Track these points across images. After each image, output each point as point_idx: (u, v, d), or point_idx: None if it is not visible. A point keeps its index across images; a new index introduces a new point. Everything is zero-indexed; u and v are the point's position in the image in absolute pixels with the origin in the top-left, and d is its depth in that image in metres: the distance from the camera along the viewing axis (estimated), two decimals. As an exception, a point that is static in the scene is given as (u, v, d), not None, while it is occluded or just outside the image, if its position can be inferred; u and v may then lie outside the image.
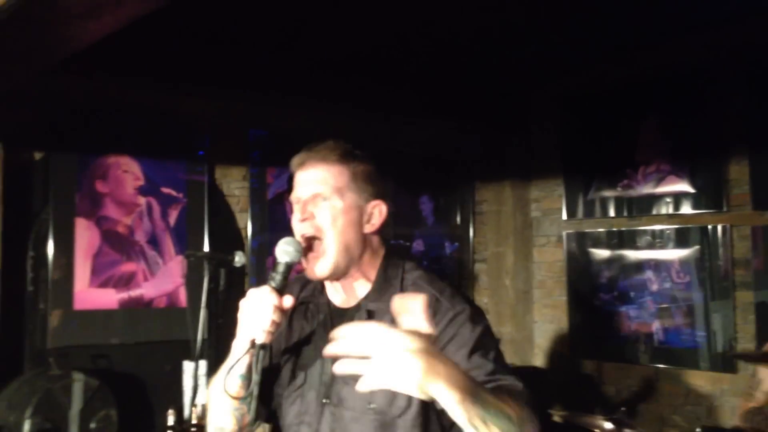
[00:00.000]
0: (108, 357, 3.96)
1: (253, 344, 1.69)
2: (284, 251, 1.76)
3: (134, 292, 4.05)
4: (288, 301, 1.73)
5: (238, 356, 1.74)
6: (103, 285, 3.94)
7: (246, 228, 4.54)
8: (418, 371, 1.34)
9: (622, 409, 4.46)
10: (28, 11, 2.11)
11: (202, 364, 4.09)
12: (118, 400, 3.66)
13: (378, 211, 1.83)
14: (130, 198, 4.05)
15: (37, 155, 3.85)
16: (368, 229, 1.82)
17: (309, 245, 1.79)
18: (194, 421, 3.81)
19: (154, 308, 4.10)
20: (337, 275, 1.81)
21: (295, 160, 1.86)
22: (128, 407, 3.82)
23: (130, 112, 4.09)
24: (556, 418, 4.00)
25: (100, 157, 3.98)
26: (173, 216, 4.20)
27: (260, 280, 4.54)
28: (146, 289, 4.08)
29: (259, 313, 1.69)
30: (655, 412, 4.81)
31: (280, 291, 1.73)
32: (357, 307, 1.82)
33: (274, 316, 1.69)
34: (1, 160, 3.64)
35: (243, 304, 1.74)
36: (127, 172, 4.05)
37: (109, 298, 3.97)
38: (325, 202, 1.78)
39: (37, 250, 3.79)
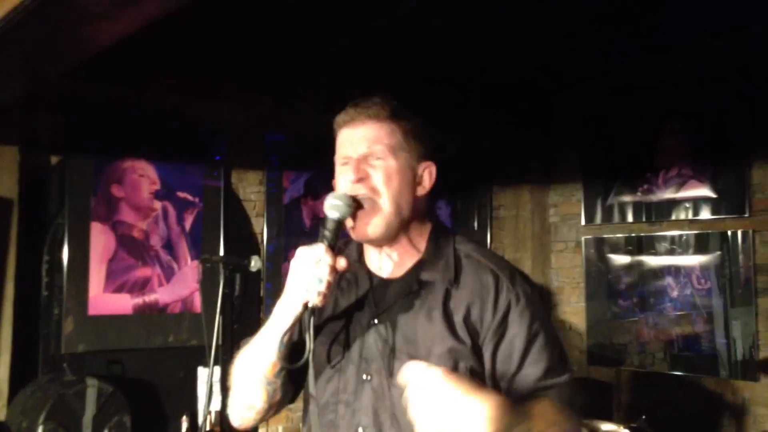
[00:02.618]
0: (122, 363, 3.94)
1: (306, 307, 1.56)
2: (334, 206, 1.62)
3: (149, 298, 4.02)
4: (342, 262, 1.59)
5: (287, 320, 1.59)
6: (118, 290, 3.91)
7: (262, 233, 4.52)
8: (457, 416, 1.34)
9: (642, 417, 4.41)
10: (44, 11, 2.09)
11: (217, 370, 4.05)
12: (131, 406, 3.63)
13: (428, 173, 1.71)
14: (146, 202, 4.03)
15: (54, 159, 3.85)
16: (420, 191, 1.69)
17: (359, 204, 1.64)
18: (208, 428, 3.78)
19: (169, 314, 4.08)
20: (389, 238, 1.67)
21: (341, 117, 1.75)
22: (142, 413, 3.79)
23: (146, 116, 4.08)
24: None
25: (117, 161, 3.96)
26: (189, 221, 4.18)
27: (276, 286, 4.51)
28: (161, 295, 4.06)
29: (313, 273, 1.56)
30: (675, 421, 4.74)
31: (333, 249, 1.60)
32: (405, 278, 1.68)
33: (330, 277, 1.56)
34: (17, 164, 3.63)
35: (294, 263, 1.60)
36: (143, 177, 4.03)
37: (124, 304, 3.95)
38: (379, 161, 1.65)
39: (52, 255, 3.78)
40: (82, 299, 3.81)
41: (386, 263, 1.71)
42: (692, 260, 4.75)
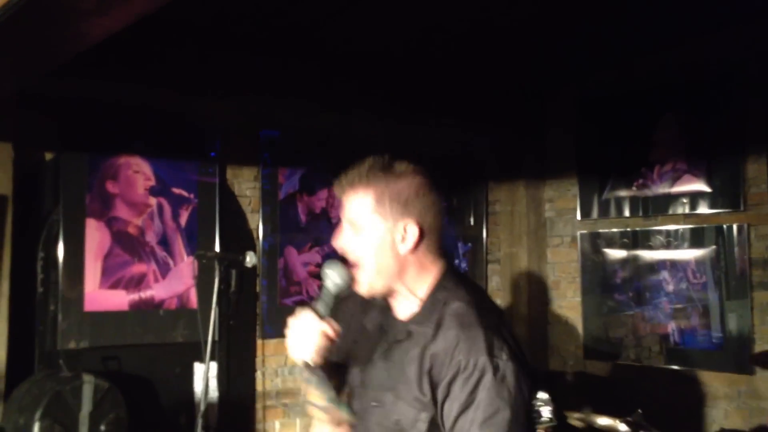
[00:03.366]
0: (118, 359, 3.94)
1: (306, 365, 1.73)
2: (331, 281, 1.81)
3: (145, 294, 4.03)
4: (331, 331, 1.77)
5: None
6: (114, 286, 3.92)
7: (257, 229, 4.52)
8: None
9: (638, 411, 4.41)
10: (35, 7, 2.09)
11: (213, 366, 4.06)
12: (128, 402, 3.63)
13: (408, 230, 1.76)
14: (141, 199, 4.04)
15: (48, 156, 3.85)
16: (403, 249, 1.76)
17: (354, 264, 1.81)
18: (204, 423, 3.78)
19: (165, 309, 4.08)
20: (379, 295, 1.82)
21: (335, 185, 1.86)
22: (138, 409, 3.80)
23: (141, 112, 4.08)
24: (571, 420, 3.95)
25: (111, 157, 3.97)
26: (184, 217, 4.18)
27: (271, 282, 4.52)
28: (157, 291, 4.06)
29: (305, 336, 1.75)
30: (671, 414, 4.75)
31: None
32: (401, 325, 1.81)
33: (320, 341, 1.74)
34: (11, 160, 3.63)
35: (290, 323, 1.79)
36: (138, 173, 4.04)
37: (120, 300, 3.96)
38: (353, 229, 1.79)
39: (47, 251, 3.78)
40: (78, 295, 3.81)
41: (394, 308, 1.86)
42: (688, 254, 4.75)
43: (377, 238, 1.76)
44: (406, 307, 1.81)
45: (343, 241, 1.81)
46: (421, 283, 1.80)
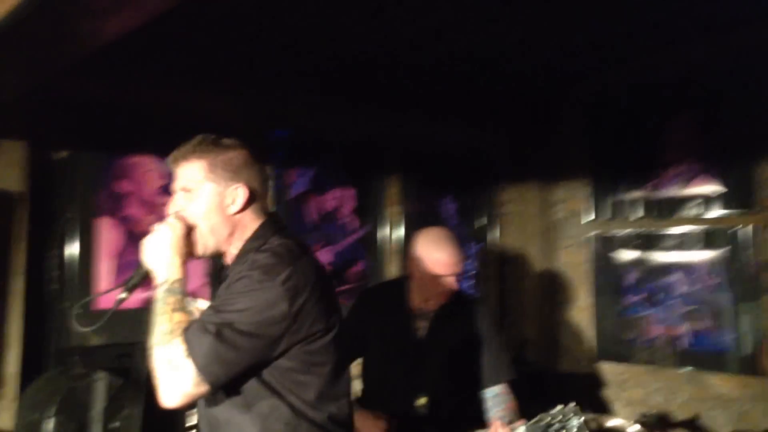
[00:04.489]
0: (131, 356, 3.96)
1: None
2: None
3: (158, 292, 4.04)
4: None
5: None
6: (127, 284, 3.94)
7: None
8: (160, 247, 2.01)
9: (651, 413, 4.40)
10: (49, 6, 2.12)
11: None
12: (141, 399, 3.65)
13: (240, 192, 2.06)
14: (153, 197, 4.06)
15: (62, 155, 3.88)
16: (233, 209, 2.07)
17: (188, 231, 2.06)
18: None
19: (178, 307, 4.10)
20: (211, 254, 2.11)
21: (168, 158, 2.14)
22: (152, 406, 3.81)
23: (153, 111, 4.10)
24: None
25: (124, 156, 3.99)
26: (196, 215, 4.20)
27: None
28: (169, 289, 4.08)
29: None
30: (684, 417, 4.73)
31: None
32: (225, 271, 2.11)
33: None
34: (25, 159, 3.66)
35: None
36: (150, 172, 4.06)
37: (133, 297, 3.94)
38: (189, 194, 2.07)
39: (60, 250, 3.81)
40: (91, 293, 3.84)
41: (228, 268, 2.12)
42: (701, 256, 4.73)
43: (209, 202, 2.05)
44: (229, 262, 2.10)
45: (176, 206, 2.08)
46: (242, 240, 2.08)
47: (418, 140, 5.21)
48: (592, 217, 5.34)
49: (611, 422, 3.86)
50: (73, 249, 3.81)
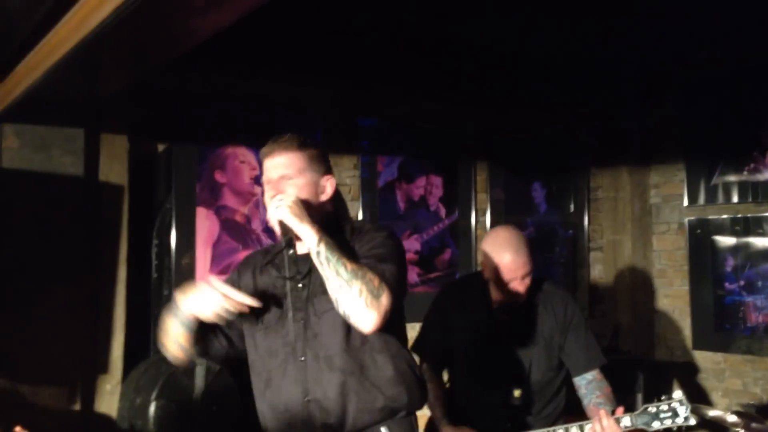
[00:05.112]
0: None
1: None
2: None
3: (251, 280, 4.14)
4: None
5: None
6: (223, 272, 4.04)
7: (357, 216, 4.58)
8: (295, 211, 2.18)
9: (750, 402, 4.26)
10: (151, 5, 2.18)
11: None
12: (237, 384, 3.74)
13: (330, 183, 2.38)
14: (247, 187, 4.15)
15: (161, 147, 4.00)
16: (323, 198, 2.36)
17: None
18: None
19: (270, 295, 4.19)
20: (296, 229, 2.23)
21: (262, 150, 2.34)
22: (248, 391, 3.91)
23: (245, 103, 4.19)
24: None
25: (219, 147, 4.09)
26: (288, 205, 4.27)
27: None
28: (263, 277, 4.17)
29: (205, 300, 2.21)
30: (787, 408, 4.57)
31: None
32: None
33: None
34: (126, 152, 3.79)
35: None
36: (244, 163, 4.15)
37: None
38: (291, 181, 2.28)
39: (161, 239, 3.94)
40: (190, 281, 3.96)
41: (297, 247, 2.30)
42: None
43: (308, 191, 2.30)
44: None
45: (275, 191, 2.27)
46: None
47: (507, 125, 5.15)
48: (687, 202, 5.19)
49: (710, 412, 3.74)
50: (172, 238, 3.93)
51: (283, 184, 2.28)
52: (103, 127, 3.72)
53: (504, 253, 3.03)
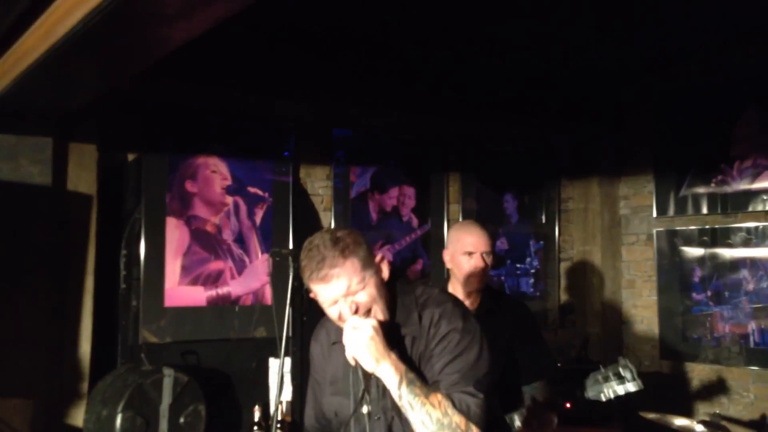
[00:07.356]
0: (197, 353, 4.04)
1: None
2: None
3: (222, 290, 4.12)
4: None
5: None
6: (192, 283, 4.02)
7: (329, 226, 4.57)
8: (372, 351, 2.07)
9: (717, 412, 4.31)
10: (120, 12, 2.16)
11: (287, 361, 4.13)
12: (206, 395, 3.72)
13: (384, 263, 2.23)
14: (218, 198, 4.13)
15: (130, 156, 3.96)
16: (386, 276, 2.23)
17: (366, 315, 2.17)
18: (279, 417, 3.85)
19: (241, 305, 4.17)
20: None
21: (312, 276, 2.13)
22: (216, 402, 3.89)
23: (217, 114, 4.17)
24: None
25: (190, 157, 4.06)
26: (259, 215, 4.26)
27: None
28: (233, 287, 4.15)
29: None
30: (750, 416, 4.63)
31: None
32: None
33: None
34: (95, 161, 3.75)
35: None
36: (215, 173, 4.13)
37: (198, 296, 4.05)
38: (358, 294, 2.13)
39: (129, 249, 3.90)
40: (159, 292, 3.92)
41: None
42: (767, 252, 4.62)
43: (376, 283, 2.16)
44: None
45: (356, 309, 2.14)
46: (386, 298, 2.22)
47: (478, 137, 5.18)
48: (656, 213, 5.25)
49: (676, 421, 3.78)
50: (141, 248, 3.89)
51: (350, 300, 2.14)
52: (72, 136, 3.68)
53: (470, 228, 3.30)
